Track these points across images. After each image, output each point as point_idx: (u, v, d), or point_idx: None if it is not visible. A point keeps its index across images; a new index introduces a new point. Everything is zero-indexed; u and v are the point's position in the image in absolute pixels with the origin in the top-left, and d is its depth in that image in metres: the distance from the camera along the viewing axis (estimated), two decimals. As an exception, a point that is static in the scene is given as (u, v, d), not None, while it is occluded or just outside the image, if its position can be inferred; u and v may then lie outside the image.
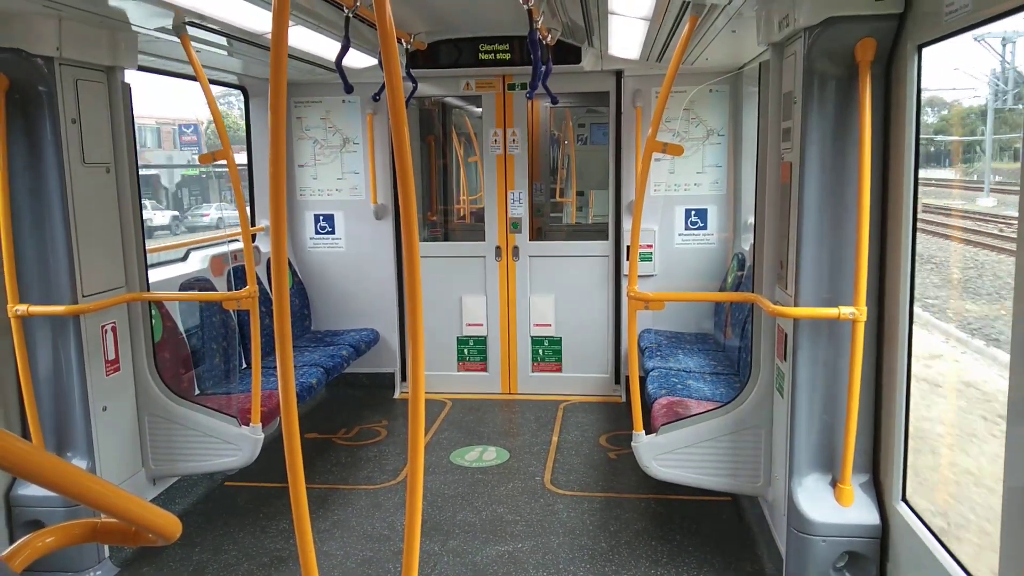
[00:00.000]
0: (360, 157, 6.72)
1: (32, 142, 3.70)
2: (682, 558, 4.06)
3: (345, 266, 6.90)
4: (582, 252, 6.73)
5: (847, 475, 3.24)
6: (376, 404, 6.71)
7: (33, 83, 3.63)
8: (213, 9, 3.83)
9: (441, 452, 5.56)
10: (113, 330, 4.14)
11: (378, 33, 1.59)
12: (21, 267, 3.75)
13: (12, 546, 1.39)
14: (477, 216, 7.87)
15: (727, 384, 5.10)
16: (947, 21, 2.64)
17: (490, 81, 6.53)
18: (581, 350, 6.81)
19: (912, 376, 3.12)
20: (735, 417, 3.94)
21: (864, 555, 3.27)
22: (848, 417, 3.17)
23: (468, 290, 6.84)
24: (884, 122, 3.15)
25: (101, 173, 4.02)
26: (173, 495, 4.83)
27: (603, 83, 6.45)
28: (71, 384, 3.89)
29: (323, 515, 4.58)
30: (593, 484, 4.99)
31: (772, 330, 3.80)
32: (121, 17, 3.83)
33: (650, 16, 4.20)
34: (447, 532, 4.37)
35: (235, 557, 4.15)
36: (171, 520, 1.60)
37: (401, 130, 1.60)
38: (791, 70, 3.41)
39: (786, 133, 3.51)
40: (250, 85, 6.47)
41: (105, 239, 4.06)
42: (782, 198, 3.57)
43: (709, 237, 6.50)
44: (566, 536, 4.31)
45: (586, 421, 6.18)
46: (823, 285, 3.31)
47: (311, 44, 4.84)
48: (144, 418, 4.37)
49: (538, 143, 7.63)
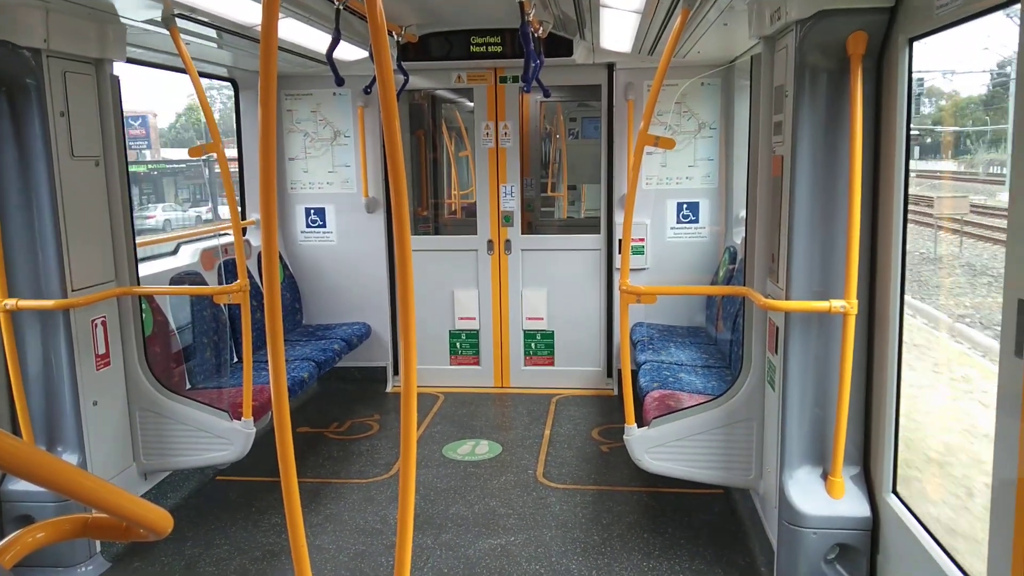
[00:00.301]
0: (351, 150, 6.70)
1: (20, 135, 3.67)
2: (674, 551, 4.07)
3: (336, 260, 6.89)
4: (574, 246, 6.73)
5: (838, 468, 3.26)
6: (368, 398, 6.70)
7: (21, 76, 3.59)
8: (202, 1, 3.80)
9: (433, 446, 5.56)
10: (103, 324, 4.12)
11: (369, 26, 1.58)
12: (10, 261, 3.73)
13: (2, 542, 1.39)
14: (468, 211, 7.86)
15: (719, 377, 5.12)
16: (938, 15, 2.65)
17: (482, 74, 6.52)
18: (573, 344, 6.82)
19: (903, 369, 3.13)
20: (727, 410, 3.95)
21: (855, 547, 3.29)
22: (839, 410, 3.18)
23: (460, 284, 6.84)
24: (875, 115, 3.16)
25: (90, 166, 3.99)
26: (164, 490, 4.81)
27: (595, 76, 6.44)
28: (61, 379, 3.87)
29: (315, 509, 4.58)
30: (585, 477, 5.00)
31: (763, 323, 3.81)
32: (109, 9, 3.80)
33: (642, 9, 4.19)
34: (440, 526, 4.37)
35: (227, 551, 4.15)
36: (162, 515, 1.59)
37: (392, 123, 1.59)
38: (782, 63, 3.42)
39: (777, 126, 3.51)
40: (240, 78, 6.43)
41: (95, 233, 4.03)
42: (773, 192, 3.58)
43: (701, 231, 6.51)
44: (558, 529, 4.32)
45: (578, 414, 6.20)
46: (814, 278, 3.32)
47: (301, 36, 4.81)
48: (135, 413, 4.35)
49: (528, 137, 7.61)
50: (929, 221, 10.85)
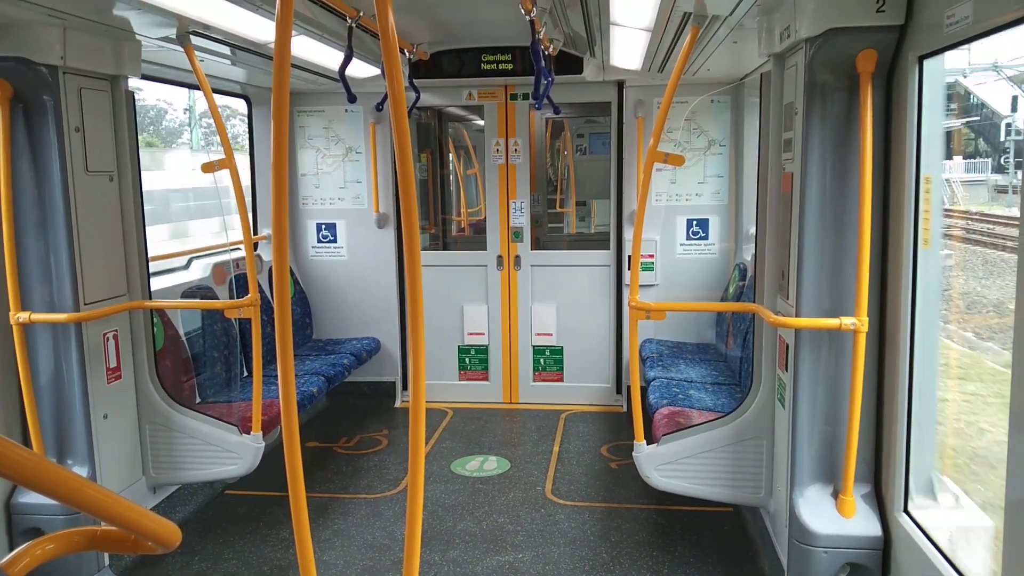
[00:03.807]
0: (363, 166, 6.74)
1: (36, 150, 3.72)
2: (683, 569, 4.04)
3: (347, 275, 6.91)
4: (583, 261, 6.73)
5: (849, 486, 3.23)
6: (377, 413, 6.70)
7: (37, 91, 3.64)
8: (217, 19, 3.84)
9: (442, 461, 5.55)
10: (115, 338, 4.14)
11: (381, 43, 1.60)
12: (24, 274, 3.76)
13: (12, 553, 1.39)
14: (476, 228, 7.88)
15: (728, 394, 5.09)
16: (948, 33, 2.65)
17: (492, 91, 6.56)
18: (582, 359, 6.80)
19: (914, 387, 3.11)
20: (736, 427, 3.93)
21: (866, 567, 3.26)
22: (850, 428, 3.16)
23: (470, 299, 6.85)
24: (885, 133, 3.16)
25: (104, 181, 4.04)
26: (173, 503, 4.82)
27: (605, 93, 6.47)
28: (72, 392, 3.89)
29: (323, 524, 4.57)
30: (594, 494, 4.97)
31: (773, 340, 3.80)
32: (125, 26, 3.85)
33: (652, 27, 4.22)
34: (447, 542, 4.35)
35: (235, 566, 4.14)
36: (171, 528, 1.60)
37: (403, 139, 1.60)
38: (792, 81, 3.43)
39: (787, 144, 3.52)
40: (253, 94, 6.49)
41: (108, 247, 4.07)
42: (783, 208, 3.57)
43: (711, 247, 6.50)
44: (567, 546, 4.30)
45: (587, 431, 6.17)
46: (824, 295, 3.31)
47: (314, 54, 4.86)
48: (145, 426, 4.37)
49: (535, 153, 7.65)
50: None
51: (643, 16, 4.01)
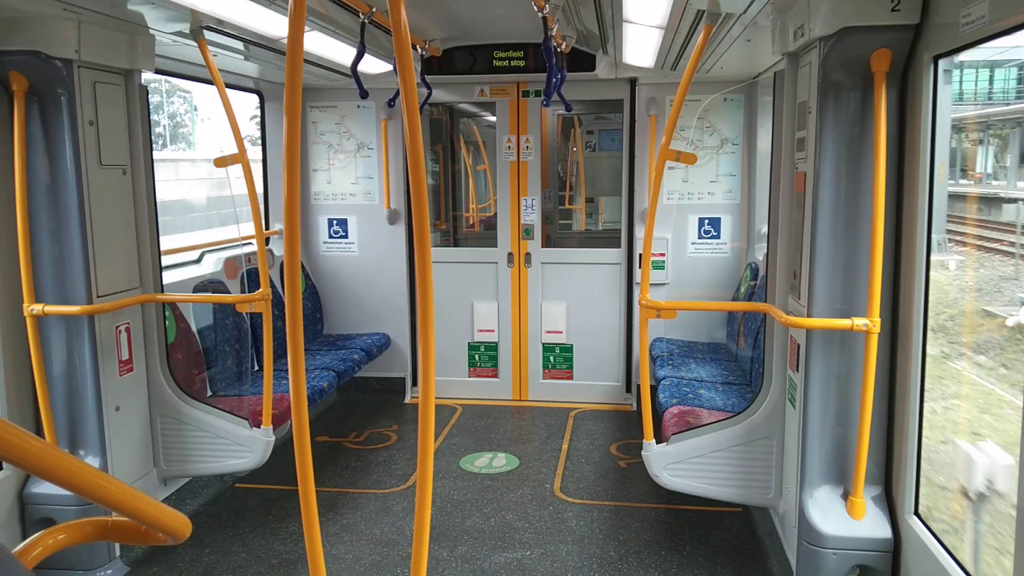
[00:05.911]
0: (374, 162, 6.75)
1: (50, 143, 3.74)
2: (692, 569, 4.03)
3: (358, 270, 6.93)
4: (594, 259, 6.72)
5: (859, 488, 3.22)
6: (387, 408, 6.72)
7: (52, 85, 3.67)
8: (230, 14, 3.86)
9: (451, 457, 5.56)
10: (127, 331, 4.17)
11: (393, 39, 1.60)
12: (37, 267, 3.79)
13: (24, 542, 1.40)
14: (487, 224, 7.88)
15: (739, 394, 5.08)
16: (963, 32, 2.63)
17: (504, 88, 6.55)
18: (592, 358, 6.79)
19: (926, 388, 3.09)
20: (746, 428, 3.92)
21: (876, 569, 3.24)
22: (860, 429, 3.14)
23: (480, 296, 6.85)
24: (899, 133, 3.13)
25: (118, 175, 4.06)
26: (184, 496, 4.85)
27: (617, 91, 6.46)
28: (85, 383, 3.92)
29: (332, 518, 4.59)
30: (603, 492, 4.97)
31: (785, 340, 3.78)
32: (139, 21, 3.87)
33: (665, 24, 4.20)
34: (456, 538, 4.36)
35: (244, 559, 4.16)
36: (182, 520, 1.61)
37: (415, 135, 1.60)
38: (806, 80, 3.41)
39: (800, 143, 3.50)
40: (266, 89, 6.52)
41: (121, 240, 4.09)
42: (796, 208, 3.56)
43: (722, 246, 6.48)
44: (575, 544, 4.30)
45: (597, 429, 6.17)
46: (836, 296, 3.29)
47: (327, 49, 4.87)
48: (156, 418, 4.40)
49: (547, 150, 7.64)
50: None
51: (656, 13, 3.99)
